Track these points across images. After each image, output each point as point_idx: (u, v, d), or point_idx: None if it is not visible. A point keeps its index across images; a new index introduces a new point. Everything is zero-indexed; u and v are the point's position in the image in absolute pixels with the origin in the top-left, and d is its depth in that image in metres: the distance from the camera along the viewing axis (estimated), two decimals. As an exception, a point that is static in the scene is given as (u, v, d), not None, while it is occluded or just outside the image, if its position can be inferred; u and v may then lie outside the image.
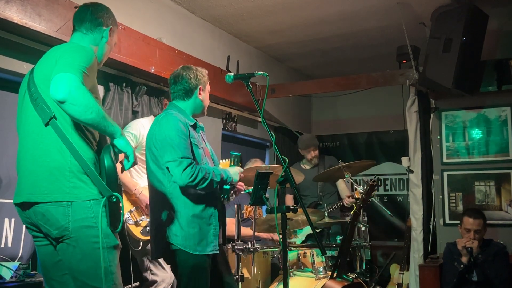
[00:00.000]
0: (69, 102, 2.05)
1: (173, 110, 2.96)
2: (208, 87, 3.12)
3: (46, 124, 2.19)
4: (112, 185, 2.20)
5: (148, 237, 3.60)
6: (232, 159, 3.10)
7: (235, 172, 2.95)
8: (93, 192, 2.22)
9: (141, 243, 3.66)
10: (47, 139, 2.21)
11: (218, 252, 2.87)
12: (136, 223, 3.65)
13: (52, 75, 2.11)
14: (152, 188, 2.90)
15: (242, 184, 3.09)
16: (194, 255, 2.76)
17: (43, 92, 2.22)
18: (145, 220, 3.67)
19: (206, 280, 2.80)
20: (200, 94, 3.03)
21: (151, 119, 3.88)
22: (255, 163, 4.80)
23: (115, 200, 2.18)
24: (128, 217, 3.63)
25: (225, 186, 2.91)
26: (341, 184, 5.46)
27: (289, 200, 5.54)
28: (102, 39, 2.48)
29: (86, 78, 2.15)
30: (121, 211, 2.23)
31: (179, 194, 2.80)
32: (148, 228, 3.61)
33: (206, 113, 3.16)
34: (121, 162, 2.34)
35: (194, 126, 2.97)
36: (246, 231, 4.34)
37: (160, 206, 2.84)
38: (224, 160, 3.47)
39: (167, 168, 2.77)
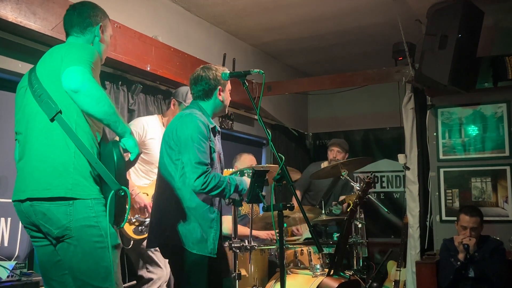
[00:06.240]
0: (82, 93, 2.08)
1: (196, 110, 2.94)
2: (228, 86, 3.08)
3: (52, 119, 2.18)
4: (121, 179, 2.19)
5: (141, 237, 3.62)
6: (246, 173, 3.08)
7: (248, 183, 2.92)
8: (95, 190, 2.22)
9: (131, 242, 3.64)
10: (53, 135, 2.19)
11: (215, 256, 2.82)
12: (129, 222, 3.63)
13: (60, 70, 2.12)
14: (162, 178, 2.89)
15: None
16: (193, 253, 2.76)
17: (48, 88, 2.21)
18: (138, 220, 3.65)
19: (205, 277, 2.80)
20: (219, 94, 3.00)
21: (156, 118, 3.88)
22: (246, 159, 4.68)
23: (123, 194, 2.17)
24: None
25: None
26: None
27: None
28: (95, 38, 2.45)
29: (93, 73, 2.15)
30: (127, 206, 2.22)
31: (186, 191, 2.79)
32: (140, 227, 3.62)
33: (227, 111, 3.13)
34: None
35: (213, 129, 2.95)
36: (243, 230, 4.32)
37: (166, 197, 2.84)
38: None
39: (183, 167, 2.78)
